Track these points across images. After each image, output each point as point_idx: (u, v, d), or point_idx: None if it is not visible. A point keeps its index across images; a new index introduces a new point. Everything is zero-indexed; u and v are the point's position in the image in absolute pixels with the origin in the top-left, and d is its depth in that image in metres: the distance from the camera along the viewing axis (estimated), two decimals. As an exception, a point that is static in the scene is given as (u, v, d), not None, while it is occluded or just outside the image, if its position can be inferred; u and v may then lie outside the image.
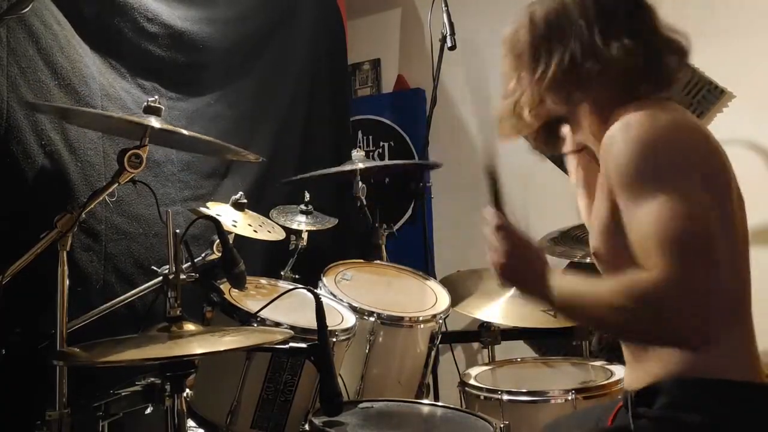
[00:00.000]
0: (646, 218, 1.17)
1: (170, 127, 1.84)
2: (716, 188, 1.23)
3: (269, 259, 2.73)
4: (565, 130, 1.50)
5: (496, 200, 1.35)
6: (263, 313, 1.79)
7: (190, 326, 1.44)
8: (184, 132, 1.91)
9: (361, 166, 2.55)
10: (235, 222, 2.14)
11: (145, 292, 2.02)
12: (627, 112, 1.26)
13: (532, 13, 1.37)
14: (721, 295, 1.16)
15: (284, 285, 2.20)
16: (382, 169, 3.04)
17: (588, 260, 2.54)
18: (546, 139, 1.49)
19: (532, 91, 1.35)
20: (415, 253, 2.96)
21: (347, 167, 2.58)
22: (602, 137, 1.30)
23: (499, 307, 2.47)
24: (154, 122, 1.80)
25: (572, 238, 2.64)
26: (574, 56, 1.30)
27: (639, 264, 1.18)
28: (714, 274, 1.14)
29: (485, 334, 2.67)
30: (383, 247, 2.64)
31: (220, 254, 1.89)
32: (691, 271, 1.12)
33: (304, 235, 2.51)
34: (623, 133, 1.22)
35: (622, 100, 1.30)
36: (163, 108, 1.88)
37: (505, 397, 1.99)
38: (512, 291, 2.50)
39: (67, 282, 1.78)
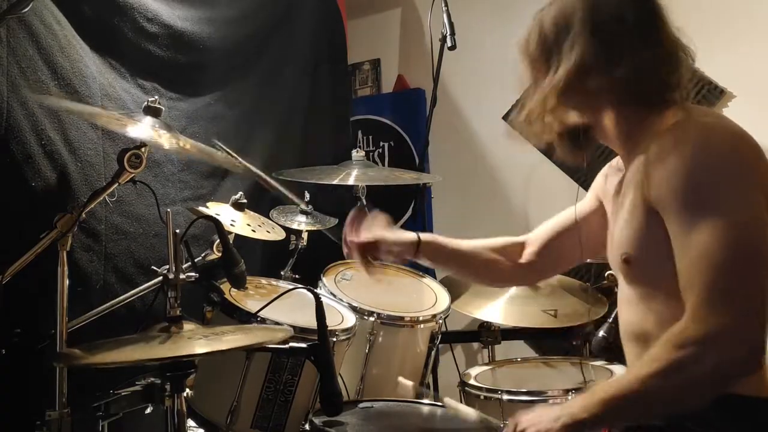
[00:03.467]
0: (697, 248, 1.14)
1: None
2: None
3: (269, 259, 2.73)
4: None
5: None
6: (263, 313, 1.79)
7: (190, 326, 1.44)
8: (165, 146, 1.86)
9: (353, 182, 2.52)
10: (233, 221, 2.14)
11: (145, 292, 2.02)
12: (667, 120, 1.25)
13: (542, 17, 1.37)
14: None
15: (284, 285, 2.20)
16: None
17: (588, 260, 2.53)
18: (571, 147, 1.44)
19: (548, 95, 1.34)
20: (415, 253, 2.96)
21: (339, 176, 2.54)
22: (630, 143, 1.30)
23: (499, 307, 2.46)
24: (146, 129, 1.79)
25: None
26: (586, 61, 1.29)
27: (680, 288, 1.16)
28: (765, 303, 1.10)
29: (485, 333, 2.68)
30: (383, 246, 2.63)
31: (220, 254, 1.89)
32: (745, 318, 1.09)
33: (304, 235, 2.51)
34: (679, 150, 1.19)
35: (650, 108, 1.30)
36: (163, 108, 1.88)
37: (505, 397, 1.99)
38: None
39: (67, 282, 1.78)
